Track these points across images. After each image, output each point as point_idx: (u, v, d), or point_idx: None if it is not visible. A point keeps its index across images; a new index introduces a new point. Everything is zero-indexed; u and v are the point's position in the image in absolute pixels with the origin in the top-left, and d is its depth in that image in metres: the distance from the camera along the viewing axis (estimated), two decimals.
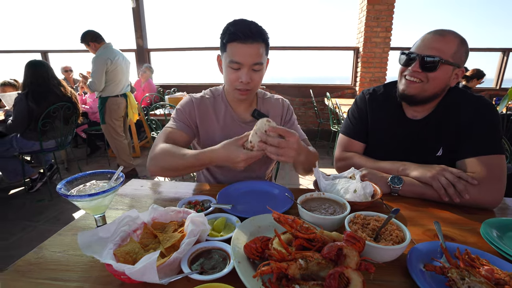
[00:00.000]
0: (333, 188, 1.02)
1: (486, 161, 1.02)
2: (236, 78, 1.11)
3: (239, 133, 1.26)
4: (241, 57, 1.07)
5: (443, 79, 1.07)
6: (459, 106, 1.12)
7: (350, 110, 1.39)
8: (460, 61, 1.06)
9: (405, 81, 1.13)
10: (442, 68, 1.04)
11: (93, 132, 4.59)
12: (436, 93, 1.10)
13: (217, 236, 0.77)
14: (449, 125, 1.12)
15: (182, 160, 1.03)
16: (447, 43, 1.04)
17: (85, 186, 0.78)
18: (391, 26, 5.30)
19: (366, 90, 1.35)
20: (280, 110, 1.37)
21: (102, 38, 3.40)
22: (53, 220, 2.72)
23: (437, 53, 1.03)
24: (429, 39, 1.06)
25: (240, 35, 1.04)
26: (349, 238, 0.59)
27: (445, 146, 1.13)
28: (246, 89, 1.14)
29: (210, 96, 1.30)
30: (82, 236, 0.65)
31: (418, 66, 1.06)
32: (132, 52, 6.17)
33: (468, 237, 0.83)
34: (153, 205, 0.81)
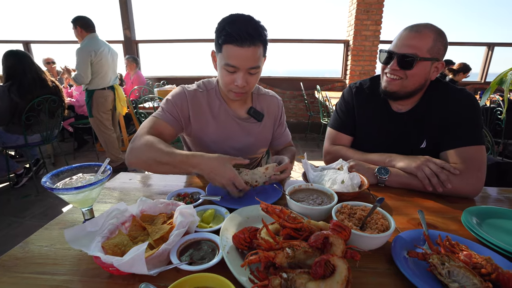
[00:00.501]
0: (321, 179, 1.03)
1: (467, 152, 1.06)
2: (231, 81, 1.07)
3: (234, 128, 1.26)
4: (237, 61, 1.02)
5: (421, 75, 1.09)
6: (442, 99, 1.15)
7: (337, 104, 1.41)
8: (438, 54, 1.07)
9: (386, 78, 1.16)
10: (420, 65, 1.06)
11: (80, 126, 4.49)
12: (417, 88, 1.13)
13: (206, 227, 0.77)
14: (432, 117, 1.15)
15: (168, 158, 0.96)
16: (423, 39, 1.05)
17: (71, 179, 0.76)
18: (381, 20, 5.33)
19: (353, 83, 1.36)
20: (276, 109, 1.37)
21: (92, 28, 3.28)
22: (40, 215, 2.67)
23: (413, 50, 1.05)
24: (405, 36, 1.08)
25: (236, 37, 0.98)
26: (335, 227, 0.60)
27: (428, 138, 1.16)
28: (241, 92, 1.11)
29: (203, 89, 1.25)
30: (68, 232, 0.64)
31: (396, 64, 1.09)
32: (119, 43, 6.01)
33: (450, 225, 0.86)
34: (142, 198, 0.80)
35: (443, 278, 0.60)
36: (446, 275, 0.60)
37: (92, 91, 3.42)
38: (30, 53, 6.09)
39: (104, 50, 3.32)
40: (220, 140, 1.24)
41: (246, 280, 0.56)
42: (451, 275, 0.60)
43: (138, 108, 3.78)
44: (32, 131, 3.00)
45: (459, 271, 0.59)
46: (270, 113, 1.34)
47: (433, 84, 1.17)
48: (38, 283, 0.61)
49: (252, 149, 1.33)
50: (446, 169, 1.02)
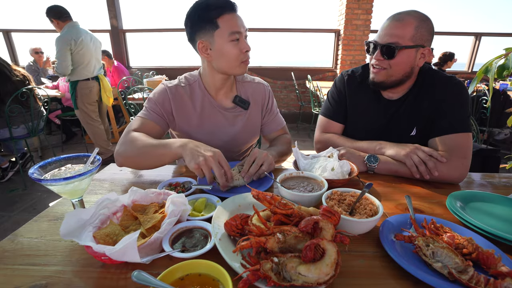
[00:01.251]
0: (312, 167, 1.05)
1: (454, 139, 1.08)
2: (240, 50, 1.09)
3: (219, 120, 1.24)
4: (239, 26, 1.06)
5: (406, 63, 1.10)
6: (432, 86, 1.16)
7: (329, 92, 1.41)
8: (422, 41, 1.07)
9: (372, 69, 1.17)
10: (402, 53, 1.07)
11: (68, 118, 4.38)
12: (404, 76, 1.14)
13: (198, 216, 0.78)
14: (422, 105, 1.17)
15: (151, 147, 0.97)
16: (404, 27, 1.05)
17: (60, 170, 0.75)
18: (372, 9, 5.32)
19: (345, 71, 1.37)
20: (262, 96, 1.34)
21: (67, 16, 3.14)
22: (29, 209, 2.63)
23: (395, 39, 1.06)
24: (386, 26, 1.08)
25: (228, 5, 1.04)
26: (325, 212, 0.62)
27: (418, 126, 1.19)
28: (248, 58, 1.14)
29: (185, 84, 1.23)
30: (68, 218, 0.63)
31: (379, 55, 1.10)
32: (106, 33, 5.83)
33: (436, 209, 0.89)
34: (133, 188, 0.80)
35: (428, 259, 0.62)
36: (431, 255, 0.63)
37: (75, 82, 3.32)
38: (11, 42, 5.85)
39: (85, 39, 3.20)
40: (205, 133, 1.23)
41: (238, 266, 0.57)
42: (435, 256, 0.63)
43: (127, 99, 3.71)
44: (12, 123, 2.90)
45: (442, 252, 0.62)
46: (257, 100, 1.32)
47: (424, 72, 1.18)
48: (29, 274, 0.61)
49: (241, 140, 1.32)
50: (434, 157, 1.04)
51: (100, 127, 3.62)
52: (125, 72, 5.29)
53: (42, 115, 3.21)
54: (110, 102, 3.75)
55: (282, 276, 0.52)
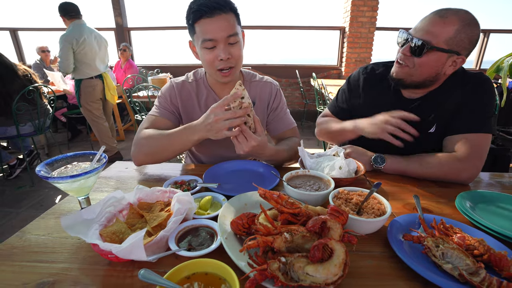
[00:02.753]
0: (318, 166, 1.04)
1: (473, 139, 1.02)
2: (214, 57, 1.03)
3: None
4: (213, 32, 0.99)
5: (432, 66, 1.01)
6: (459, 84, 1.08)
7: (341, 88, 1.38)
8: (458, 47, 0.97)
9: (396, 63, 1.10)
10: (431, 54, 0.98)
11: (73, 116, 4.42)
12: (425, 80, 1.06)
13: (204, 214, 0.77)
14: (447, 103, 1.09)
15: (167, 139, 1.02)
16: (444, 27, 0.95)
17: (66, 168, 0.75)
18: (378, 6, 5.26)
19: (363, 68, 1.30)
20: (267, 95, 1.30)
21: (74, 13, 3.16)
22: (36, 206, 2.66)
23: (429, 37, 0.96)
24: (427, 20, 0.99)
25: (205, 9, 0.96)
26: (333, 212, 0.61)
27: (439, 123, 1.12)
28: (229, 66, 1.06)
29: (192, 80, 1.24)
30: (65, 219, 0.64)
31: (408, 49, 1.02)
32: (111, 31, 5.86)
33: (444, 209, 0.88)
34: (139, 186, 0.80)
35: (437, 260, 0.61)
36: (440, 256, 0.62)
37: (79, 80, 3.35)
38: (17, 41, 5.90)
39: (88, 38, 3.21)
40: None
41: (244, 265, 0.56)
42: (445, 257, 0.62)
43: (132, 97, 3.73)
44: (19, 121, 2.93)
45: (453, 253, 0.61)
46: (263, 99, 1.29)
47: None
48: (37, 271, 0.61)
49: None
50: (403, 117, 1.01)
51: (104, 125, 3.64)
52: (136, 70, 5.31)
53: (48, 113, 3.24)
54: (114, 100, 3.77)
55: (290, 276, 0.52)
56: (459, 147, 1.04)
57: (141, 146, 1.07)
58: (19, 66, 3.00)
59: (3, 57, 2.86)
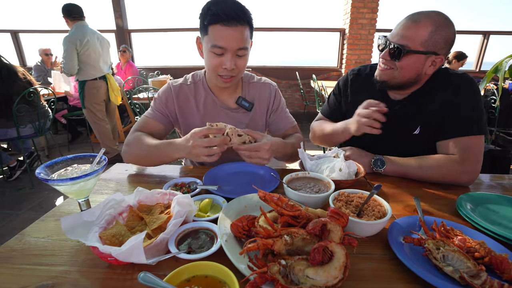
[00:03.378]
0: (318, 168, 1.03)
1: (466, 142, 1.04)
2: (219, 64, 1.05)
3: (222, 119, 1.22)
4: (225, 41, 0.99)
5: (412, 68, 1.05)
6: (442, 86, 1.11)
7: (332, 90, 1.43)
8: (435, 48, 1.01)
9: (378, 66, 1.15)
10: (410, 57, 1.02)
11: (74, 117, 4.42)
12: (408, 81, 1.09)
13: (203, 217, 0.77)
14: (431, 104, 1.12)
15: (155, 150, 1.03)
16: (418, 30, 0.99)
17: (66, 170, 0.75)
18: (377, 8, 5.28)
19: (351, 70, 1.35)
20: (267, 96, 1.31)
21: (76, 15, 3.17)
22: (37, 208, 2.66)
23: (406, 41, 1.01)
24: (401, 25, 1.03)
25: (223, 16, 0.96)
26: (333, 214, 0.61)
27: (423, 125, 1.14)
28: (230, 75, 1.08)
29: (191, 82, 1.24)
30: (65, 220, 0.64)
31: (387, 54, 1.07)
32: (111, 33, 5.88)
33: (445, 211, 0.88)
34: (138, 188, 0.80)
35: (438, 262, 0.61)
36: (441, 259, 0.62)
37: (83, 81, 3.35)
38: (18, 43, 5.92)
39: (91, 39, 3.22)
40: None
41: (244, 268, 0.56)
42: (446, 259, 0.61)
43: (132, 99, 3.73)
44: (19, 123, 2.94)
45: (454, 255, 0.61)
46: (262, 101, 1.30)
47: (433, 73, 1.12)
48: (36, 274, 0.61)
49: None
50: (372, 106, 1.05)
51: (106, 127, 3.65)
52: (136, 72, 5.33)
53: (48, 115, 3.24)
54: (118, 101, 3.78)
55: (290, 279, 0.52)
56: (454, 151, 1.05)
57: (130, 148, 1.11)
58: (19, 68, 3.01)
59: (4, 59, 2.87)
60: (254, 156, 0.98)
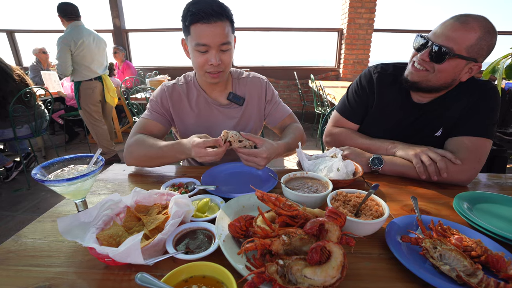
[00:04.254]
0: (316, 168, 1.04)
1: (474, 142, 1.04)
2: (205, 61, 1.08)
3: (216, 116, 1.27)
4: (207, 38, 1.02)
5: (451, 72, 1.00)
6: (466, 91, 1.09)
7: (350, 88, 1.34)
8: (477, 55, 0.96)
9: (411, 67, 1.09)
10: (452, 61, 0.97)
11: (71, 118, 4.40)
12: (441, 85, 1.06)
13: (201, 217, 0.77)
14: (453, 109, 1.11)
15: (157, 150, 1.06)
16: (466, 33, 0.93)
17: (63, 171, 0.75)
18: (375, 8, 5.29)
19: (373, 68, 1.28)
20: (259, 90, 1.33)
21: (72, 15, 3.13)
22: (33, 209, 2.64)
23: (451, 43, 0.95)
24: (447, 25, 0.97)
25: (202, 15, 0.99)
26: (331, 214, 0.61)
27: (445, 127, 1.13)
28: (218, 71, 1.11)
29: (183, 82, 1.28)
30: (62, 221, 0.64)
31: (427, 55, 1.00)
32: (108, 33, 5.85)
33: (442, 210, 0.88)
34: (136, 189, 0.79)
35: (435, 261, 0.61)
36: (438, 258, 0.62)
37: (78, 82, 3.32)
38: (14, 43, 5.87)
39: (87, 40, 3.18)
40: (203, 130, 1.23)
41: (242, 268, 0.56)
42: (443, 258, 0.62)
43: (130, 99, 3.72)
44: (15, 124, 2.92)
45: (450, 254, 0.61)
46: (253, 95, 1.32)
47: None
48: (33, 275, 0.61)
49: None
50: (447, 158, 1.01)
51: (103, 127, 3.63)
52: (134, 71, 5.31)
53: (45, 115, 3.22)
54: (114, 102, 3.76)
55: (288, 279, 0.52)
56: (459, 148, 1.05)
57: (132, 151, 1.12)
58: (15, 68, 2.99)
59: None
60: (251, 160, 1.03)
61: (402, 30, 5.92)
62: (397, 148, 1.12)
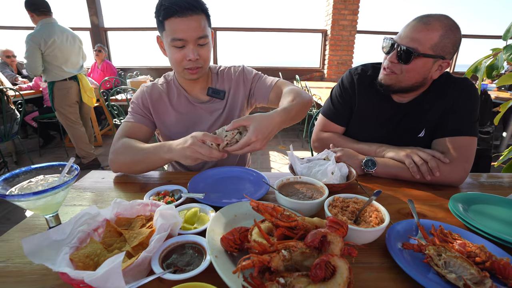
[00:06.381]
0: (309, 171, 1.00)
1: (459, 141, 1.05)
2: (183, 57, 1.03)
3: (198, 113, 1.22)
4: (183, 32, 0.97)
5: (420, 72, 1.03)
6: (444, 89, 1.11)
7: (334, 90, 1.33)
8: (443, 52, 0.99)
9: (383, 70, 1.10)
10: (418, 61, 1.00)
11: (46, 120, 4.13)
12: (413, 85, 1.08)
13: (190, 229, 0.71)
14: (434, 107, 1.12)
15: (142, 154, 0.99)
16: (429, 33, 0.97)
17: (30, 182, 0.66)
18: (358, 10, 5.37)
19: (354, 69, 1.28)
20: (237, 77, 1.26)
21: (43, 10, 2.90)
22: (2, 220, 2.45)
23: (415, 44, 0.98)
24: (411, 27, 1.00)
25: (176, 8, 0.94)
26: (332, 224, 0.56)
27: (427, 127, 1.14)
28: (196, 66, 1.06)
29: (163, 82, 1.24)
30: (28, 242, 0.55)
31: (394, 57, 1.03)
32: (86, 31, 5.59)
33: (438, 213, 0.86)
34: (116, 199, 0.72)
35: (440, 269, 0.58)
36: (443, 266, 0.59)
37: (52, 83, 3.12)
38: None
39: (59, 39, 2.96)
40: (185, 129, 1.20)
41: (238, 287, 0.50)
42: (448, 266, 0.59)
43: (109, 101, 3.56)
44: None
45: (456, 262, 0.58)
46: (233, 84, 1.25)
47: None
48: None
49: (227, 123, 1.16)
50: (436, 157, 1.01)
51: (81, 130, 3.43)
52: (114, 71, 5.09)
53: (15, 118, 3.01)
54: (92, 102, 3.56)
55: None
56: (446, 150, 1.06)
57: (118, 156, 1.04)
58: None
59: None
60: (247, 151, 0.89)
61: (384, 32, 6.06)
62: (386, 150, 1.12)
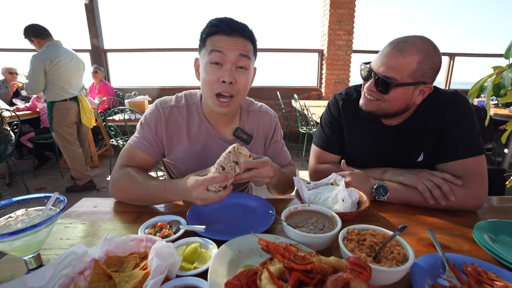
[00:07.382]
0: (318, 198, 0.92)
1: (467, 164, 0.98)
2: (217, 77, 0.90)
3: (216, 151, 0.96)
4: (225, 46, 0.89)
5: (401, 99, 0.97)
6: (436, 107, 1.04)
7: (322, 118, 1.27)
8: (424, 77, 0.94)
9: (363, 96, 1.05)
10: (398, 90, 0.95)
11: (41, 141, 4.06)
12: (397, 111, 1.03)
13: (189, 269, 0.62)
14: (428, 127, 1.05)
15: (146, 192, 0.92)
16: (405, 60, 0.91)
17: (10, 218, 0.59)
18: (353, 30, 5.50)
19: (338, 94, 1.23)
20: (267, 127, 1.18)
21: (47, 33, 3.00)
22: None
23: (392, 73, 0.93)
24: (386, 54, 0.95)
25: (224, 27, 0.88)
26: (354, 267, 0.49)
27: (426, 151, 1.07)
28: (230, 94, 0.93)
29: (183, 104, 1.07)
30: None
31: (373, 86, 0.98)
32: (86, 52, 5.66)
33: (462, 244, 0.78)
34: (107, 235, 0.64)
35: None
36: None
37: (51, 103, 3.10)
38: None
39: (64, 59, 3.01)
40: (200, 163, 1.03)
41: None
42: None
43: (107, 121, 3.51)
44: None
45: None
46: (260, 132, 1.16)
47: None
48: None
49: None
50: (448, 180, 0.95)
51: (77, 150, 3.36)
52: (111, 92, 5.09)
53: (10, 139, 2.94)
54: (91, 123, 3.53)
55: None
56: (456, 174, 0.98)
57: (119, 188, 0.98)
58: None
59: None
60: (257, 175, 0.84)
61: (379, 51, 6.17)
62: (393, 174, 1.05)
